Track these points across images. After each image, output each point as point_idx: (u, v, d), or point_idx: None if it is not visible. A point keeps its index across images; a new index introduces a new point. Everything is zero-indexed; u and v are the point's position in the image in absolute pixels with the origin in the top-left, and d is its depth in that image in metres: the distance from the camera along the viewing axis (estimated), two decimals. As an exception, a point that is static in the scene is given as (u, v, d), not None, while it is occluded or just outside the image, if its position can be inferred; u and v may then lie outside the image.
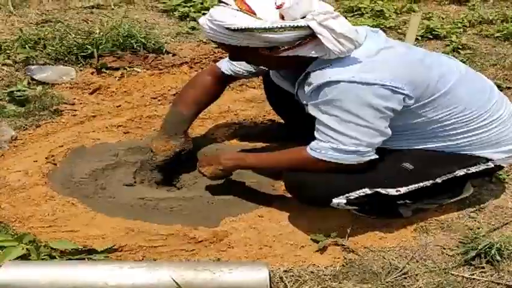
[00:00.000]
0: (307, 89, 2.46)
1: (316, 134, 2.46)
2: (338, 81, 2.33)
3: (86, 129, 3.35)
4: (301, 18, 2.32)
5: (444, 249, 2.59)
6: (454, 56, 4.30)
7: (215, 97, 3.06)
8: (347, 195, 2.48)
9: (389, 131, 2.44)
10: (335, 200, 2.48)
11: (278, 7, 2.34)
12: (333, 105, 2.36)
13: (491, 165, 2.65)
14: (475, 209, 2.84)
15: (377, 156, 2.47)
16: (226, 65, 2.96)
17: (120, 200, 2.81)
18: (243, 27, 2.30)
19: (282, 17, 2.33)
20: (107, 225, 2.64)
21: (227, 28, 2.32)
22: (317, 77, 2.40)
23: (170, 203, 2.80)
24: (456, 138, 2.60)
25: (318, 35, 2.30)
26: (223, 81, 3.02)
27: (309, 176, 2.51)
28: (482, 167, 2.64)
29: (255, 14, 2.33)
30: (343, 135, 2.38)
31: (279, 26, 2.30)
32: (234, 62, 2.92)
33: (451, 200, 2.84)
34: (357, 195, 2.48)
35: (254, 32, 2.30)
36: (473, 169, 2.64)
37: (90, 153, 3.13)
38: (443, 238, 2.67)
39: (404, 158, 2.59)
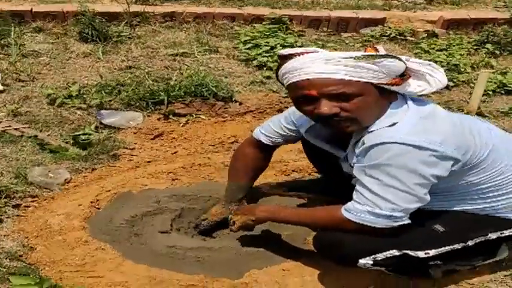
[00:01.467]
0: (358, 149, 2.43)
1: (354, 196, 2.42)
2: (388, 143, 2.30)
3: (138, 174, 3.42)
4: None
5: (473, 315, 2.45)
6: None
7: (264, 165, 3.09)
8: (374, 256, 2.42)
9: (428, 198, 2.37)
10: (361, 261, 2.43)
11: None
12: (379, 170, 2.32)
13: None
14: (509, 273, 2.70)
15: (409, 221, 2.39)
16: (262, 136, 2.96)
17: (151, 247, 2.84)
18: (371, 55, 2.33)
19: None
20: (132, 272, 2.67)
21: (357, 57, 2.31)
22: (370, 138, 2.37)
23: (198, 253, 2.80)
24: (492, 200, 2.52)
25: (414, 67, 2.41)
26: (266, 149, 3.02)
27: (337, 235, 2.46)
28: None
29: None
30: (382, 199, 2.33)
31: (391, 54, 2.37)
32: (266, 132, 2.94)
33: (485, 262, 2.70)
34: (384, 257, 2.42)
35: (377, 60, 2.32)
36: (507, 232, 2.55)
37: (134, 198, 3.19)
38: (474, 303, 2.53)
39: (436, 220, 2.52)
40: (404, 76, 2.39)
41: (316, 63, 2.34)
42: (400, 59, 2.38)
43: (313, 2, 6.34)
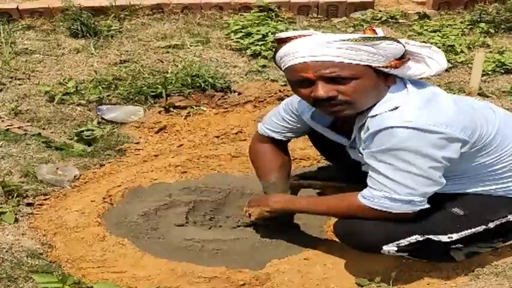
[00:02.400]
0: (363, 135, 2.44)
1: (368, 182, 2.43)
2: (395, 127, 2.29)
3: (146, 168, 3.43)
4: None
5: (496, 297, 2.49)
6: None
7: (285, 158, 3.01)
8: (397, 242, 2.45)
9: (443, 180, 2.38)
10: (385, 248, 2.46)
11: None
12: (390, 154, 2.32)
13: None
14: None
15: (429, 206, 2.42)
16: (264, 130, 2.94)
17: (169, 240, 2.86)
18: (369, 37, 2.32)
19: None
20: (153, 267, 2.69)
21: (355, 40, 2.30)
22: (374, 123, 2.37)
23: (217, 245, 2.82)
24: (505, 181, 2.55)
25: (413, 50, 2.40)
26: (282, 144, 2.99)
27: (360, 223, 2.47)
28: None
29: None
30: (398, 184, 2.34)
31: (389, 36, 2.36)
32: (268, 126, 2.91)
33: (506, 244, 2.74)
34: (407, 242, 2.45)
35: (375, 42, 2.31)
36: None
37: (146, 193, 3.20)
38: (497, 285, 2.56)
39: (454, 203, 2.54)
40: (403, 59, 2.39)
41: (313, 46, 2.32)
42: (399, 42, 2.37)
43: (299, -12, 6.34)
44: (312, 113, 2.73)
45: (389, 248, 2.45)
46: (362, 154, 2.48)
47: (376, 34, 2.39)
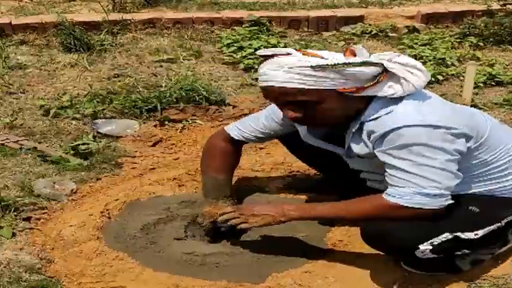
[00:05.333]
0: (367, 139, 2.49)
1: (389, 181, 2.45)
2: (405, 127, 2.36)
3: (143, 182, 3.43)
4: None
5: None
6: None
7: (237, 161, 3.15)
8: (430, 241, 2.44)
9: (461, 174, 2.44)
10: (422, 247, 2.43)
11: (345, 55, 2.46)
12: (406, 150, 2.37)
13: None
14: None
15: (453, 201, 2.45)
16: (236, 131, 3.03)
17: (169, 254, 2.85)
18: (330, 64, 2.36)
19: None
20: (153, 281, 2.68)
21: (313, 67, 2.36)
22: (378, 126, 2.43)
23: (217, 258, 2.81)
24: (507, 179, 2.61)
25: (391, 70, 2.41)
26: (237, 145, 3.08)
27: (391, 224, 2.46)
28: None
29: (323, 58, 2.43)
30: (423, 178, 2.37)
31: (357, 61, 2.39)
32: (242, 128, 3.00)
33: (503, 249, 2.77)
34: (439, 241, 2.44)
35: (338, 67, 2.35)
36: None
37: (144, 206, 3.19)
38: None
39: (468, 202, 2.56)
40: (376, 79, 2.43)
41: (279, 70, 2.42)
42: (373, 64, 2.41)
43: (289, 2, 6.38)
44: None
45: (425, 247, 2.43)
46: (361, 157, 2.55)
47: (355, 56, 2.45)
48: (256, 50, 5.15)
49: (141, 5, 6.14)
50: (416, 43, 5.40)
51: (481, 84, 4.64)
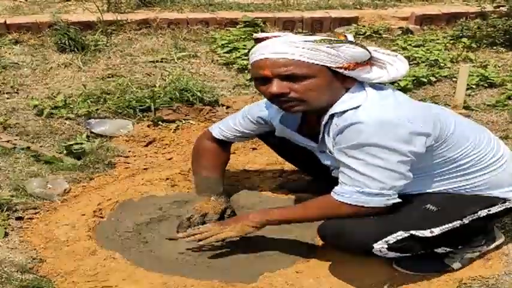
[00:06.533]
0: (332, 131, 2.53)
1: (340, 178, 2.52)
2: (362, 123, 2.40)
3: (136, 182, 3.44)
4: None
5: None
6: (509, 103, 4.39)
7: (227, 159, 3.19)
8: (385, 239, 2.48)
9: (411, 175, 2.49)
10: (376, 246, 2.48)
11: None
12: (359, 150, 2.42)
13: (509, 205, 2.65)
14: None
15: (400, 200, 2.50)
16: (217, 131, 3.09)
17: (161, 254, 2.86)
18: (326, 39, 2.42)
19: None
20: (146, 281, 2.68)
21: (307, 41, 2.40)
22: (342, 119, 2.47)
23: (209, 258, 2.83)
24: (472, 177, 2.63)
25: (377, 56, 2.54)
26: (223, 143, 3.14)
27: (344, 223, 2.53)
28: (502, 207, 2.64)
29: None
30: (369, 178, 2.43)
31: (354, 41, 2.50)
32: (223, 127, 3.07)
33: (492, 246, 2.81)
34: (394, 239, 2.48)
35: (336, 45, 2.41)
36: (494, 209, 2.63)
37: (137, 206, 3.20)
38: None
39: (426, 201, 2.61)
40: (365, 64, 2.50)
41: (276, 44, 2.45)
42: (364, 48, 2.49)
43: (284, 3, 6.38)
44: (281, 118, 2.83)
45: (380, 245, 2.48)
46: (332, 154, 2.58)
47: (346, 39, 2.50)
48: (250, 50, 5.15)
49: (136, 6, 6.12)
50: (409, 44, 5.41)
51: (474, 86, 4.66)
